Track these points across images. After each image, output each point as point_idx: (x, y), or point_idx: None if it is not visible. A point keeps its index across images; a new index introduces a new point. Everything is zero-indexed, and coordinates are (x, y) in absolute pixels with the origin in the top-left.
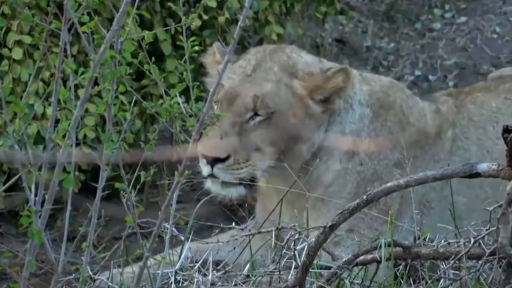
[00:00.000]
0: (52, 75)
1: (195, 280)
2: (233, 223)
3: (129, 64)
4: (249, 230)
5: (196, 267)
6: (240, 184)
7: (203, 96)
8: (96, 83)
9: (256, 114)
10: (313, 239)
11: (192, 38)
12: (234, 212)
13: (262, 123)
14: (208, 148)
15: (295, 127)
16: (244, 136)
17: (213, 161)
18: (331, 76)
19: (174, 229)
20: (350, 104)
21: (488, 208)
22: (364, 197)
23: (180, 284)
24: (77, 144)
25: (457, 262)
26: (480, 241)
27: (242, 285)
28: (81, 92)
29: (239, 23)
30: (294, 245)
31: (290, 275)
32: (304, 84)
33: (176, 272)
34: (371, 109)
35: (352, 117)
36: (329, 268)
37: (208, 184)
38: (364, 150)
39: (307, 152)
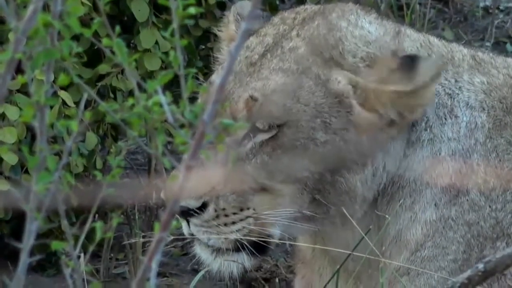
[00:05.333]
0: None
1: None
2: None
3: (76, 38)
4: None
5: None
6: (240, 249)
7: None
8: (19, 69)
9: (256, 129)
10: None
11: None
12: None
13: (267, 144)
14: (172, 191)
15: (330, 147)
16: (236, 167)
17: (184, 213)
18: (417, 89)
19: None
20: (449, 108)
21: None
22: (480, 266)
23: None
24: None
25: None
26: None
27: None
28: None
29: None
30: None
31: None
32: (350, 78)
33: None
34: (490, 115)
35: (453, 130)
36: None
37: (197, 249)
38: (477, 185)
39: (364, 188)
